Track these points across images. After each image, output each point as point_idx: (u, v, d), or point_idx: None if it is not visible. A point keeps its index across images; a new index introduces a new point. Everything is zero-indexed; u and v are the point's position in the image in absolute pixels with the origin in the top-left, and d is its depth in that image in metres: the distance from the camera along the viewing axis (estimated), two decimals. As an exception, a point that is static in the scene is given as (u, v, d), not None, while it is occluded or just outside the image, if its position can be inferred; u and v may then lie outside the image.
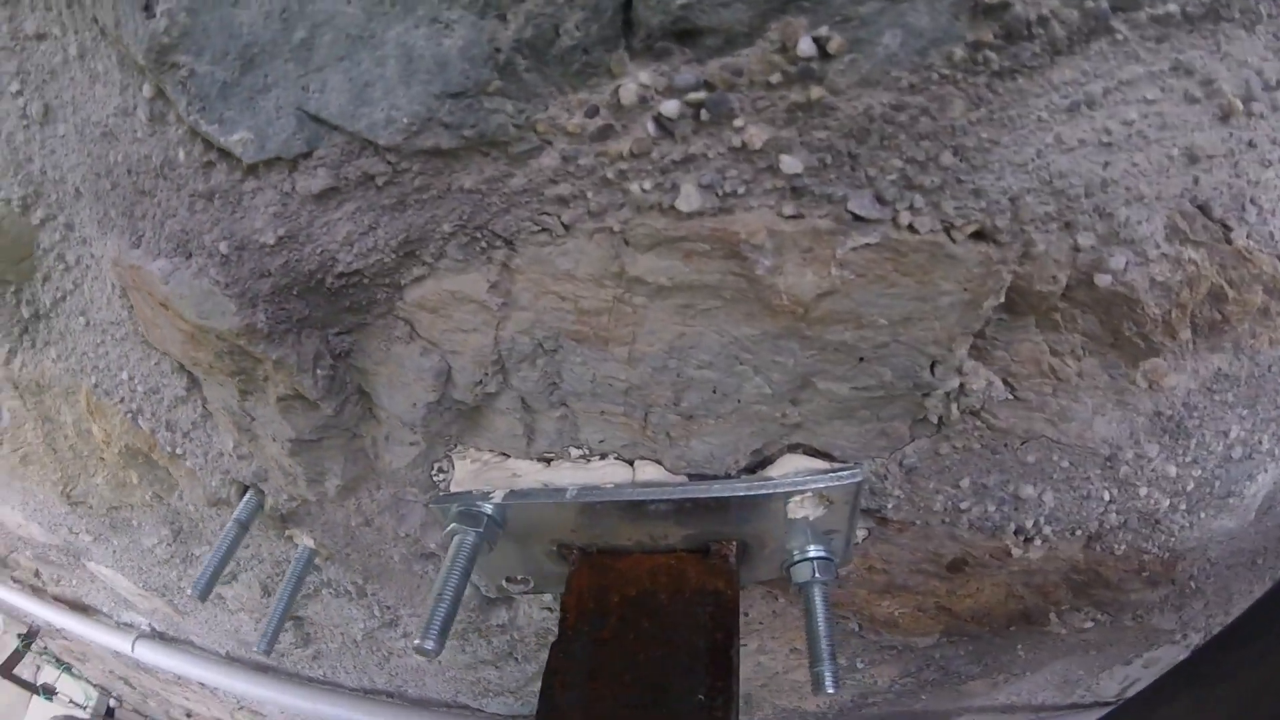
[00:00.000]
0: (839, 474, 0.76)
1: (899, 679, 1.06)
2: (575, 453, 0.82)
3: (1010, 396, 0.73)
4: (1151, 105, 0.54)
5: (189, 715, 2.65)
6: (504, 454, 0.85)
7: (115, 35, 0.57)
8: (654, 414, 0.74)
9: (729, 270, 0.60)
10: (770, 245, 0.58)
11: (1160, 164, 0.58)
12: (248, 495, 0.93)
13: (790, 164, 0.54)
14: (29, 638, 2.73)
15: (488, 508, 0.81)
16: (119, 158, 0.66)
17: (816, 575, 0.83)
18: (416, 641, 0.70)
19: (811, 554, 0.84)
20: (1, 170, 0.76)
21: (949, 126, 0.52)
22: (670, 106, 0.53)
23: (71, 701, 3.24)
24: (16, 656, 2.88)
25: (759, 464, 0.79)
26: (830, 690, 0.78)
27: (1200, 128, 0.57)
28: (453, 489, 0.86)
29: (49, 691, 3.20)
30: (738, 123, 0.53)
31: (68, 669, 3.04)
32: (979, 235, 0.58)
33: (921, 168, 0.54)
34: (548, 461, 0.84)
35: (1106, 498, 0.81)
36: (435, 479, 0.88)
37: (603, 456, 0.82)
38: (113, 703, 3.22)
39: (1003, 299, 0.63)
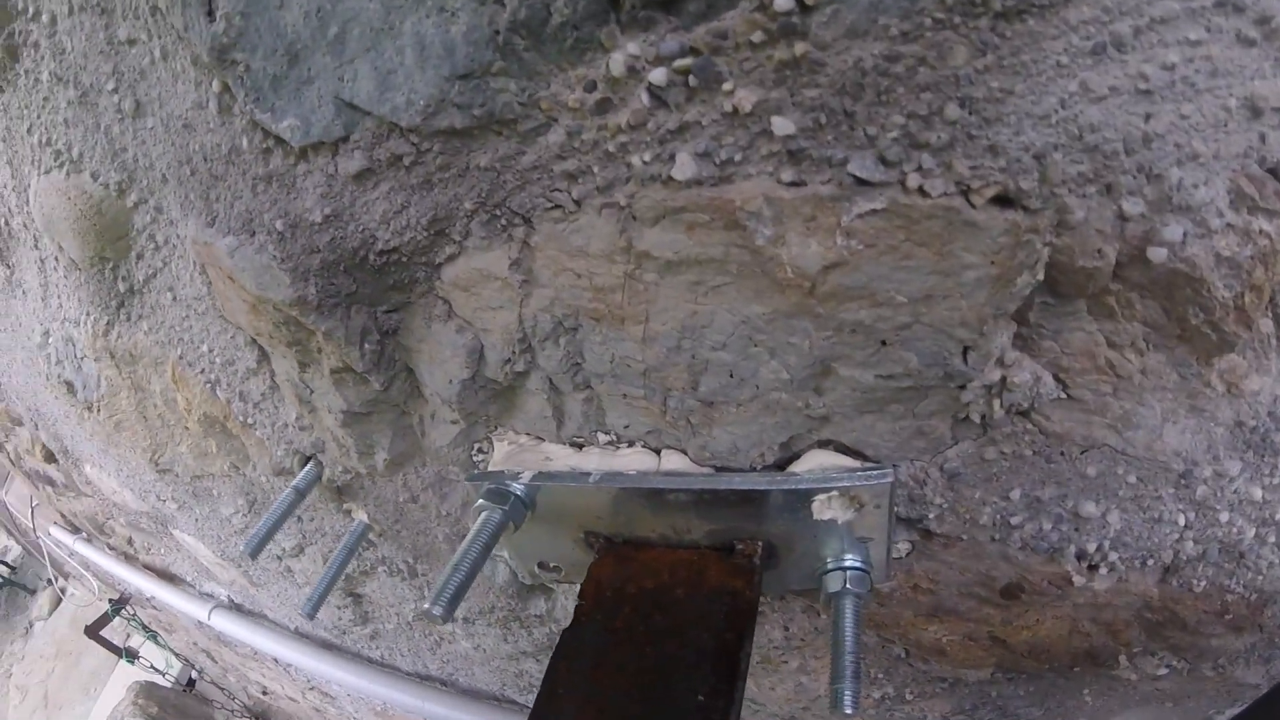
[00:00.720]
0: (868, 473, 0.71)
1: (952, 715, 0.96)
2: (603, 438, 0.82)
3: (1063, 395, 0.66)
4: (1196, 48, 0.48)
5: (265, 692, 2.83)
6: (539, 438, 0.87)
7: (185, 38, 0.65)
8: (673, 398, 0.73)
9: (731, 242, 0.59)
10: (769, 213, 0.56)
11: (1216, 117, 0.51)
12: (308, 466, 1.00)
13: (782, 125, 0.53)
14: (119, 604, 3.01)
15: (516, 487, 0.82)
16: (196, 146, 0.75)
17: (848, 586, 0.77)
18: (426, 606, 0.72)
19: (846, 563, 0.79)
20: (101, 159, 0.87)
21: (952, 76, 0.49)
22: (659, 75, 0.53)
23: (152, 667, 3.51)
24: (105, 619, 3.18)
25: (788, 460, 0.76)
26: (848, 711, 0.72)
27: (1261, 75, 0.50)
28: (489, 469, 0.88)
29: (132, 655, 3.49)
30: (727, 86, 0.52)
31: (154, 637, 3.30)
32: (1003, 201, 0.54)
33: (925, 123, 0.51)
34: (579, 447, 0.84)
35: (1181, 522, 0.70)
36: (475, 459, 0.91)
37: (630, 445, 0.82)
38: (194, 674, 3.49)
39: (1041, 276, 0.58)
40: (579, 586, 0.96)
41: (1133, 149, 0.52)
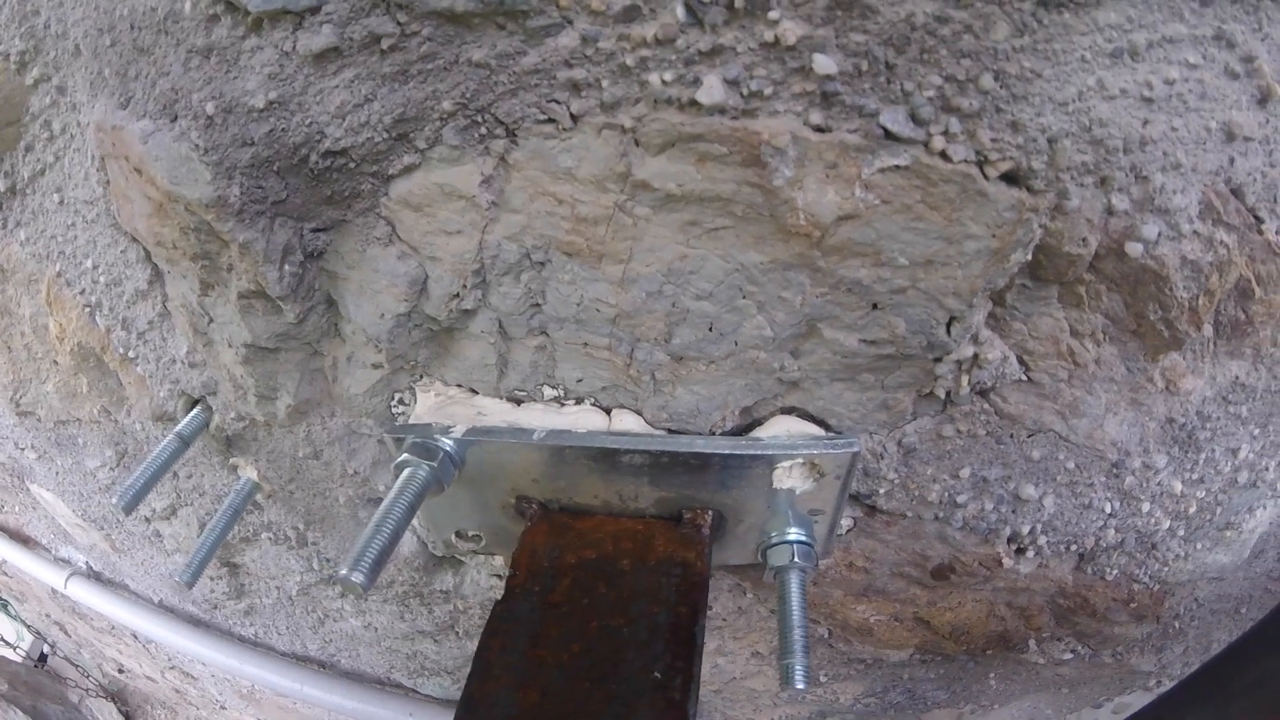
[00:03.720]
0: (835, 442, 0.70)
1: (862, 698, 0.98)
2: (549, 393, 0.76)
3: (1024, 378, 0.69)
4: (1193, 71, 0.52)
5: (121, 670, 2.49)
6: (472, 390, 0.79)
7: None
8: (641, 350, 0.68)
9: (745, 180, 0.56)
10: (793, 153, 0.54)
11: (1198, 135, 0.55)
12: (195, 410, 0.86)
13: (824, 64, 0.50)
14: (-33, 568, 2.58)
15: (446, 443, 0.74)
16: (125, 11, 0.63)
17: (795, 560, 0.76)
18: (343, 572, 0.62)
19: (791, 537, 0.78)
20: (6, 22, 0.72)
21: (992, 49, 0.49)
22: (703, -16, 0.49)
23: (3, 640, 3.08)
24: (-51, 582, 2.73)
25: (746, 426, 0.74)
26: (799, 685, 0.71)
27: (1239, 106, 0.55)
28: (413, 422, 0.79)
29: (-23, 624, 3.04)
30: (773, 15, 0.49)
31: (4, 606, 2.89)
32: (1013, 178, 0.55)
33: (961, 88, 0.51)
34: (518, 402, 0.78)
35: (1108, 509, 0.75)
36: (394, 411, 0.81)
37: (578, 401, 0.76)
38: (46, 649, 3.06)
39: (1029, 256, 0.59)
40: (502, 557, 0.88)
41: (1130, 149, 0.55)
